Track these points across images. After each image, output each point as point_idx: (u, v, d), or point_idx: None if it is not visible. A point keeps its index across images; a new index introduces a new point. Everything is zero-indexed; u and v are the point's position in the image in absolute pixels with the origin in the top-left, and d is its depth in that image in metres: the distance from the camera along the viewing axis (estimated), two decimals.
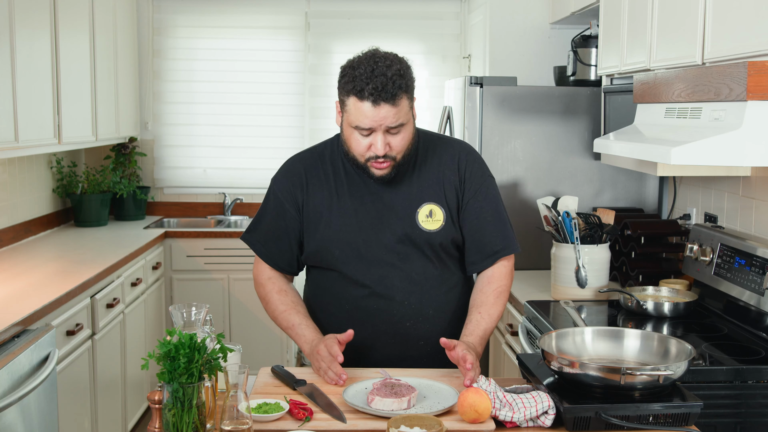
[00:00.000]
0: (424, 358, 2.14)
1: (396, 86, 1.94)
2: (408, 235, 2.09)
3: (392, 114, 1.95)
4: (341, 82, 2.00)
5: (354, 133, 2.00)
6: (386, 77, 1.93)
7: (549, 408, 1.70)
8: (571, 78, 3.71)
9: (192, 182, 5.22)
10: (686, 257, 2.83)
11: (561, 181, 3.49)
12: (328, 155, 2.17)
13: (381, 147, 1.98)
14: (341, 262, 2.11)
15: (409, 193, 2.11)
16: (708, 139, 2.06)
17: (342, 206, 2.11)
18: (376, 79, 1.93)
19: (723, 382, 2.09)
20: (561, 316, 2.66)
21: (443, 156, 2.16)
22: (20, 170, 4.06)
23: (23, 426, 2.50)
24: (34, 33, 3.43)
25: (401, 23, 5.15)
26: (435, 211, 2.11)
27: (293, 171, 2.17)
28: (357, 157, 2.03)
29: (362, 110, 1.95)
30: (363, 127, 1.97)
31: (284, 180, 2.17)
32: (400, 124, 1.98)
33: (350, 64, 2.00)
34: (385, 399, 1.75)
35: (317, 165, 2.16)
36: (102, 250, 3.87)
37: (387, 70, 1.94)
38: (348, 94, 1.97)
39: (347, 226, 2.09)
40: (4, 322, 2.52)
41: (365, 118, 1.95)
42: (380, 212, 2.10)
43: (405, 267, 2.10)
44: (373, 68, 1.95)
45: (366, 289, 2.10)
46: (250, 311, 4.68)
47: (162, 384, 1.58)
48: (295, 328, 2.11)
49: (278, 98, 5.18)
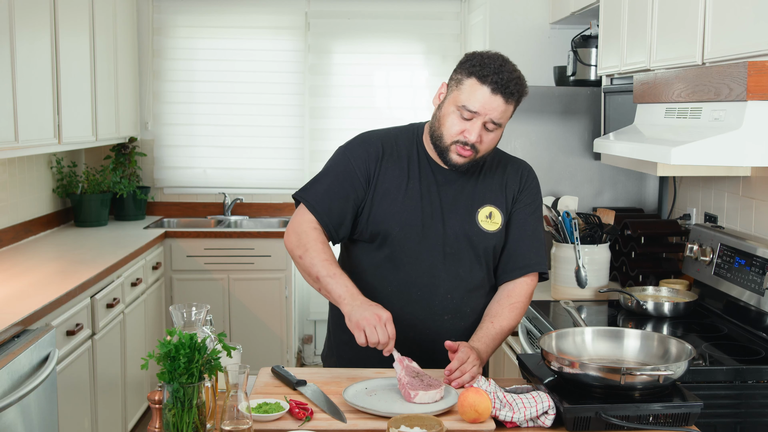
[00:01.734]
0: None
1: (515, 87, 2.03)
2: (466, 233, 2.13)
3: (501, 110, 2.01)
4: (466, 64, 2.05)
5: (455, 112, 2.03)
6: (511, 76, 2.02)
7: (549, 408, 1.71)
8: (571, 78, 3.71)
9: (192, 182, 5.22)
10: (686, 257, 2.83)
11: (561, 181, 3.50)
12: (404, 139, 2.19)
13: (475, 134, 2.02)
14: (398, 241, 2.10)
15: (473, 192, 2.15)
16: (708, 139, 2.06)
17: (411, 188, 2.12)
18: (502, 73, 2.01)
19: (723, 382, 2.10)
20: (561, 316, 2.66)
21: (508, 167, 2.22)
22: (20, 170, 4.06)
23: (23, 426, 2.50)
24: (34, 33, 3.43)
25: (401, 23, 5.15)
26: (494, 214, 2.15)
27: (370, 142, 2.18)
28: (445, 137, 2.06)
29: (478, 93, 2.00)
30: (470, 108, 2.00)
31: (359, 149, 2.16)
32: (499, 123, 2.03)
33: (480, 53, 2.07)
34: (429, 391, 1.76)
35: (393, 144, 2.17)
36: (102, 250, 3.87)
37: (513, 73, 2.04)
38: (470, 75, 2.02)
39: (412, 209, 2.11)
40: (4, 322, 2.52)
41: (477, 102, 2.00)
42: (444, 204, 2.13)
43: (454, 262, 2.13)
44: (501, 64, 2.03)
45: (414, 273, 2.11)
46: (250, 311, 4.68)
47: (162, 384, 1.58)
48: (337, 277, 2.01)
49: (278, 98, 5.18)
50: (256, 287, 4.65)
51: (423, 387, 1.79)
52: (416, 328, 2.12)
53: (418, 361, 2.00)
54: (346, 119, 5.16)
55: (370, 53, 5.13)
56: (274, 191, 5.23)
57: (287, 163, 5.20)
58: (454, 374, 1.91)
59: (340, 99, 5.19)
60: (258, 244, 4.65)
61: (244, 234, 4.67)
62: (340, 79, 5.18)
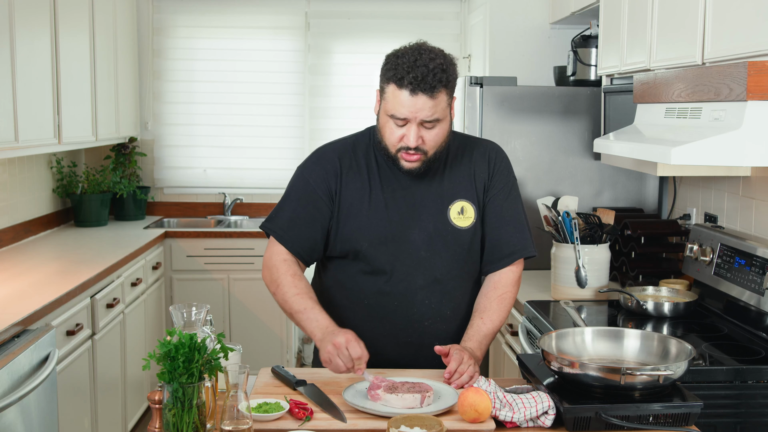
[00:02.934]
0: (438, 358, 2.13)
1: (436, 79, 1.93)
2: (439, 233, 2.08)
3: (429, 107, 1.94)
4: (384, 69, 2.00)
5: (389, 121, 1.99)
6: (427, 69, 1.92)
7: (549, 408, 1.70)
8: (571, 78, 3.71)
9: (192, 182, 5.22)
10: (686, 257, 2.83)
11: (561, 181, 3.50)
12: (361, 147, 2.15)
13: (413, 139, 1.96)
14: (369, 254, 2.08)
15: (440, 189, 2.10)
16: (708, 139, 2.06)
17: (374, 198, 2.08)
18: (417, 69, 1.92)
19: (723, 382, 2.09)
20: (561, 316, 2.66)
21: (474, 153, 2.15)
22: (20, 170, 4.06)
23: (23, 426, 2.50)
24: (34, 33, 3.43)
25: (401, 23, 5.15)
26: (466, 208, 2.11)
27: (326, 158, 2.13)
28: (389, 147, 2.02)
29: (399, 99, 1.94)
30: (398, 116, 1.95)
31: (316, 167, 2.13)
32: (435, 119, 1.96)
33: (395, 53, 2.00)
34: (399, 395, 1.75)
35: (350, 155, 2.13)
36: (102, 250, 3.87)
37: (429, 63, 1.93)
38: (388, 82, 1.96)
39: (378, 219, 2.07)
40: (4, 322, 2.52)
41: (401, 107, 1.94)
42: (411, 207, 2.09)
43: (429, 265, 2.09)
44: (416, 59, 1.94)
45: (389, 284, 2.08)
46: (250, 311, 4.68)
47: (162, 384, 1.58)
48: (308, 312, 2.01)
49: (278, 98, 5.18)
50: (256, 287, 4.65)
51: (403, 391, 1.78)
52: (398, 337, 2.10)
53: (404, 368, 2.03)
54: (346, 119, 5.16)
55: (370, 53, 5.13)
56: (274, 191, 5.23)
57: (287, 163, 5.20)
58: (453, 376, 1.91)
59: (340, 99, 5.19)
60: (258, 244, 4.65)
61: (244, 234, 4.67)
62: (340, 79, 5.18)
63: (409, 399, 1.76)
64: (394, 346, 2.11)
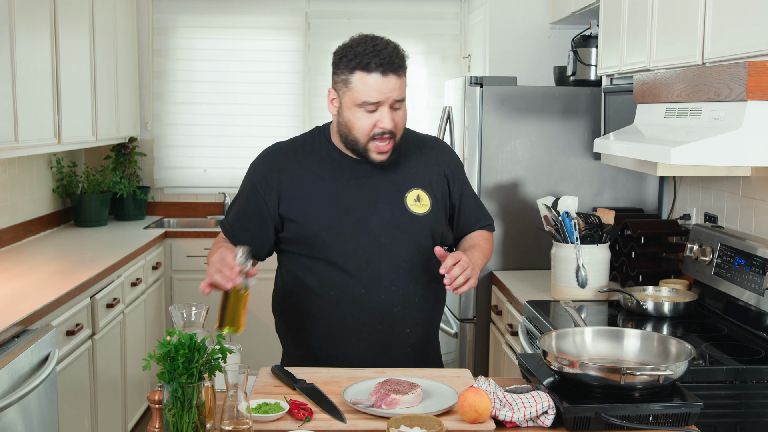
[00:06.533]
0: (408, 348, 2.15)
1: (399, 59, 2.01)
2: (397, 219, 2.10)
3: (398, 86, 2.00)
4: (342, 62, 2.02)
5: (358, 111, 2.01)
6: (389, 51, 1.99)
7: (549, 408, 1.70)
8: (571, 78, 3.71)
9: (192, 182, 5.22)
10: (686, 257, 2.83)
11: (561, 181, 3.50)
12: (309, 144, 2.19)
13: (389, 121, 2.01)
14: (327, 246, 2.09)
15: (394, 178, 2.14)
16: (708, 139, 2.06)
17: (327, 190, 2.11)
18: (380, 53, 1.98)
19: (723, 382, 2.10)
20: (561, 316, 2.66)
21: (424, 148, 2.23)
22: (20, 170, 4.06)
23: (23, 426, 2.50)
24: (34, 33, 3.43)
25: (401, 23, 5.15)
26: (422, 196, 2.15)
27: (272, 156, 2.18)
28: (360, 138, 2.04)
29: (370, 83, 1.98)
30: (371, 101, 1.99)
31: (261, 165, 2.18)
32: (403, 98, 2.03)
33: (348, 44, 2.04)
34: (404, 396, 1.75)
35: (297, 151, 2.17)
36: (102, 250, 3.87)
37: (387, 46, 2.01)
38: (352, 71, 1.99)
39: (333, 210, 2.09)
40: (4, 322, 2.52)
41: (373, 91, 1.98)
42: (367, 196, 2.11)
43: (392, 252, 2.10)
44: (373, 44, 2.00)
45: (352, 273, 2.09)
46: (250, 311, 4.66)
47: (162, 384, 1.58)
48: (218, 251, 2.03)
49: (278, 98, 5.18)
50: (256, 287, 4.61)
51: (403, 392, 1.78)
52: (368, 325, 2.11)
53: (378, 358, 2.07)
54: None
55: None
56: None
57: None
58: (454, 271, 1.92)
59: None
60: None
61: None
62: None
63: (410, 398, 1.76)
64: (366, 336, 2.11)
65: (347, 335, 2.11)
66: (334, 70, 2.05)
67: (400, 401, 1.75)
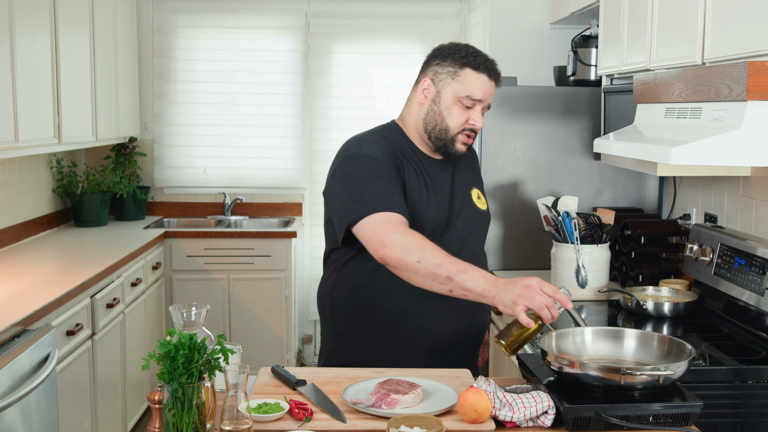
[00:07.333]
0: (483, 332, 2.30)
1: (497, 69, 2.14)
2: (471, 214, 2.22)
3: (493, 92, 2.13)
4: (452, 56, 2.11)
5: (456, 104, 2.10)
6: (490, 59, 2.12)
7: (549, 408, 1.70)
8: (571, 78, 3.71)
9: (192, 182, 5.21)
10: (686, 257, 2.83)
11: (561, 181, 3.50)
12: (396, 139, 2.17)
13: (481, 120, 2.11)
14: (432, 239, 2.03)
15: (460, 177, 2.24)
16: (708, 139, 2.06)
17: (421, 184, 2.14)
18: (489, 60, 2.12)
19: (723, 382, 2.10)
20: (561, 316, 2.65)
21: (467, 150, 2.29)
22: (20, 170, 4.06)
23: (23, 426, 2.50)
24: (34, 33, 3.43)
25: (401, 23, 5.15)
26: (480, 194, 2.30)
27: (380, 143, 2.11)
28: (451, 128, 2.11)
29: (477, 82, 2.08)
30: (474, 97, 2.08)
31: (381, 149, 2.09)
32: (489, 106, 2.14)
33: (452, 44, 2.15)
34: (404, 396, 1.75)
35: (393, 143, 2.16)
36: (102, 250, 3.87)
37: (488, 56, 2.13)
38: (463, 66, 2.09)
39: (426, 204, 2.12)
40: (4, 322, 2.52)
41: (477, 90, 2.08)
42: (448, 192, 2.19)
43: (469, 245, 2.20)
44: (477, 51, 2.12)
45: None
46: (250, 311, 4.68)
47: (162, 384, 1.58)
48: (470, 270, 1.89)
49: (278, 98, 5.18)
50: (256, 287, 4.65)
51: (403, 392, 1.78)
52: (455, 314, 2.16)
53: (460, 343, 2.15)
54: (346, 119, 5.16)
55: (370, 53, 5.13)
56: (274, 191, 5.23)
57: (287, 163, 5.20)
58: None
59: (340, 99, 5.19)
60: (258, 244, 4.65)
61: (244, 234, 4.67)
62: (340, 79, 5.18)
63: (410, 398, 1.77)
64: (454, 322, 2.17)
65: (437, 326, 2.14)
66: (438, 62, 2.13)
67: (400, 401, 1.75)
